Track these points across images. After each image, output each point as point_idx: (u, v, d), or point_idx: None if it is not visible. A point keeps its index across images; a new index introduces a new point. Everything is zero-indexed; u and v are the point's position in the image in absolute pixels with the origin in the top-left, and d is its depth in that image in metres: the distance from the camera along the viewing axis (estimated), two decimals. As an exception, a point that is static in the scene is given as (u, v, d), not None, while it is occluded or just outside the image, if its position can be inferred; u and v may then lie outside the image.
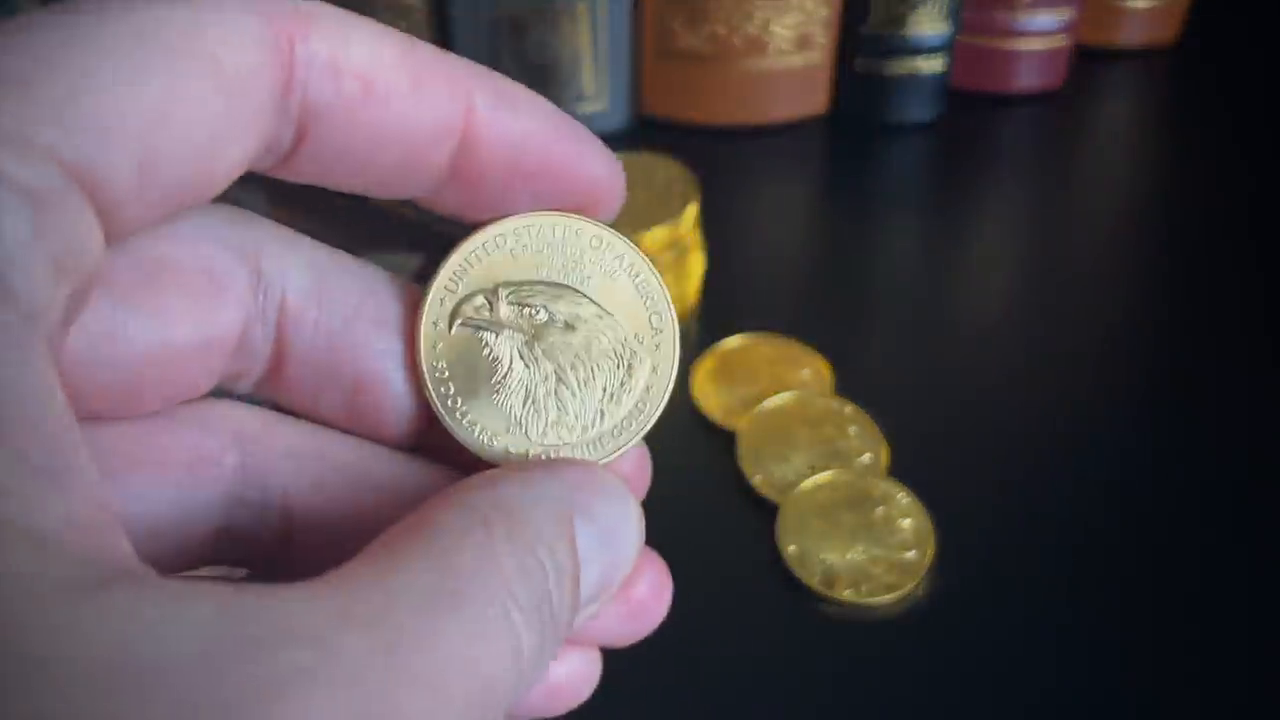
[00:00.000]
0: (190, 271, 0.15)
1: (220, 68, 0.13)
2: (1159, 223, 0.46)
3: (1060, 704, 0.29)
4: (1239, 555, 0.32)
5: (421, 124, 0.15)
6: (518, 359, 0.17)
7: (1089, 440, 0.36)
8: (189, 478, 0.16)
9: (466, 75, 0.15)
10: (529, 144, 0.16)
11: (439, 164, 0.15)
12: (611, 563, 0.15)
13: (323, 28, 0.14)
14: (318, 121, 0.14)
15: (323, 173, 0.15)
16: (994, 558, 0.32)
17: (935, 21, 0.46)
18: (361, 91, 0.14)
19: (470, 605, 0.12)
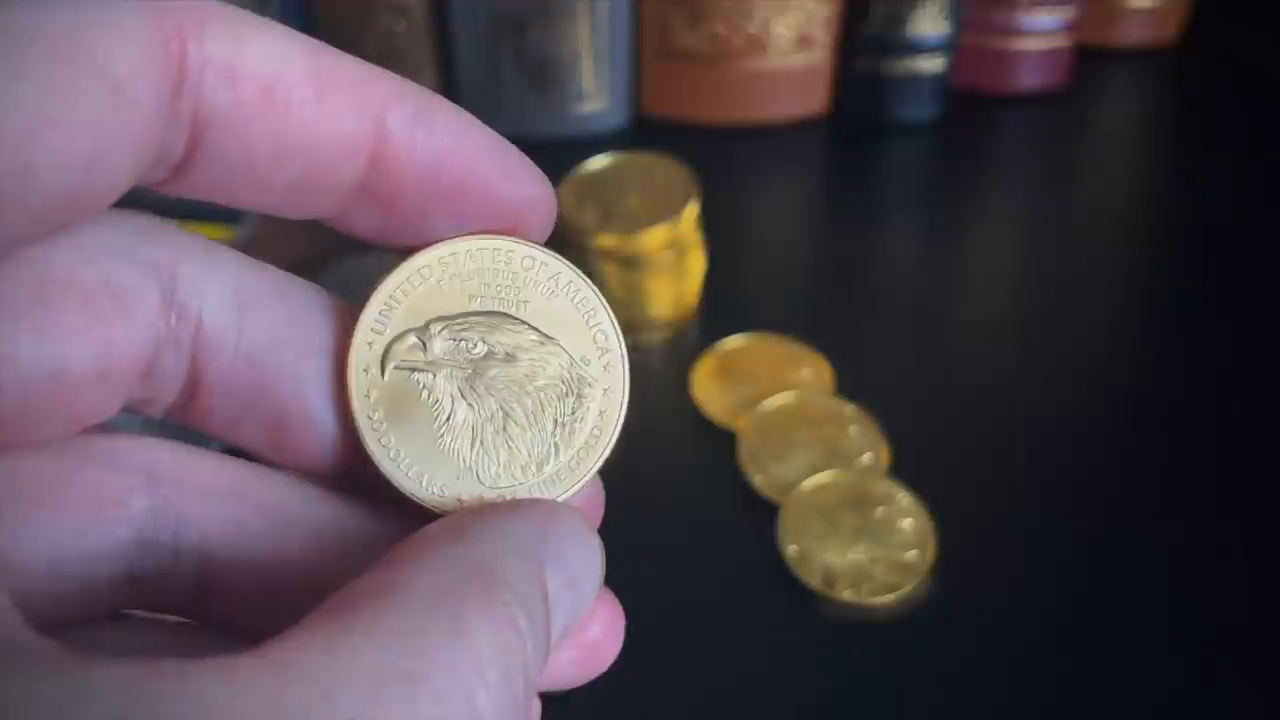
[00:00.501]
0: (91, 290, 0.14)
1: (105, 70, 0.12)
2: (1159, 222, 0.46)
3: (1060, 704, 0.29)
4: (1240, 555, 0.32)
5: (327, 136, 0.14)
6: (459, 399, 0.15)
7: (1089, 440, 0.36)
8: (93, 518, 0.14)
9: (380, 85, 0.14)
10: (448, 162, 0.15)
11: (347, 181, 0.14)
12: (576, 609, 0.14)
13: (218, 28, 0.13)
14: (212, 130, 0.13)
15: (218, 187, 0.14)
16: (994, 558, 0.32)
17: (935, 21, 0.46)
18: (260, 98, 0.13)
19: (429, 688, 0.11)
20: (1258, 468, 0.35)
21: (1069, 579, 0.31)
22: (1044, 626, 0.30)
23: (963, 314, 0.41)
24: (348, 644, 0.11)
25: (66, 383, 0.13)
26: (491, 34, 0.45)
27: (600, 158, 0.37)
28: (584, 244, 0.36)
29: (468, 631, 0.12)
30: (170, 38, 0.12)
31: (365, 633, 0.11)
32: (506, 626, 0.12)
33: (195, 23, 0.13)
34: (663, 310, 0.38)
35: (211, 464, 0.15)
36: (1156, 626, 0.30)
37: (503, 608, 0.12)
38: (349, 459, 0.16)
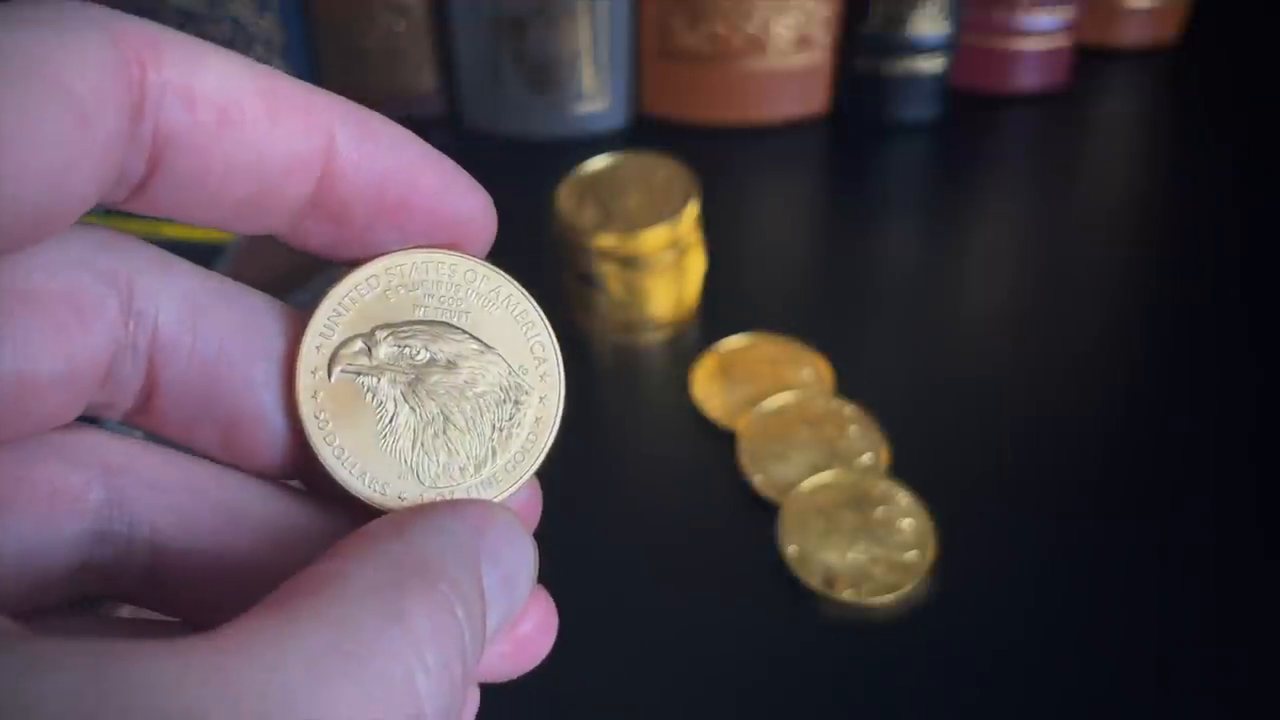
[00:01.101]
0: (54, 299, 0.14)
1: (68, 92, 0.12)
2: (1159, 222, 0.46)
3: (1060, 703, 0.29)
4: (1241, 554, 0.32)
5: (278, 155, 0.14)
6: (402, 402, 0.16)
7: (1090, 439, 0.36)
8: (49, 511, 0.15)
9: (327, 106, 0.15)
10: (392, 178, 0.15)
11: (298, 197, 0.15)
12: (510, 606, 0.15)
13: (175, 53, 0.13)
14: (170, 150, 0.14)
15: (175, 205, 0.14)
16: (994, 558, 0.32)
17: (935, 21, 0.46)
18: (216, 120, 0.14)
19: (370, 668, 0.12)
20: (1257, 467, 0.35)
21: (1068, 579, 0.31)
22: (1043, 626, 0.30)
23: (963, 314, 0.41)
24: (293, 629, 0.11)
25: (31, 387, 0.14)
26: (491, 34, 0.45)
27: (600, 158, 0.37)
28: (584, 244, 0.36)
29: (407, 617, 0.12)
30: (130, 62, 0.13)
31: (310, 618, 0.12)
32: (444, 614, 0.13)
33: (153, 48, 0.13)
34: (663, 310, 0.38)
35: (164, 458, 0.16)
36: (1156, 626, 0.30)
37: (440, 597, 0.13)
38: (297, 459, 0.16)
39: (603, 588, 0.30)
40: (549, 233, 0.37)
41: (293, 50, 0.45)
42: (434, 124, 0.47)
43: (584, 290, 0.37)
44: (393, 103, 0.47)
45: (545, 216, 0.37)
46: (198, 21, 0.44)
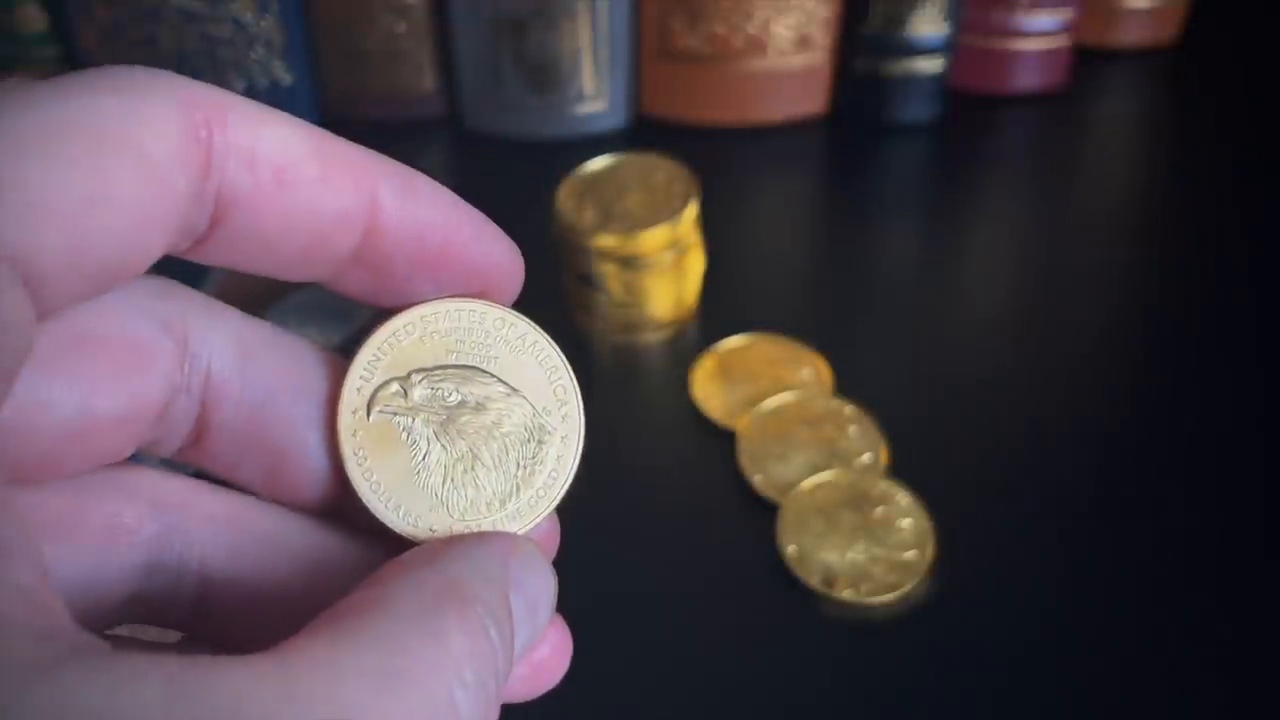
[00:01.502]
0: (116, 343, 0.15)
1: (144, 155, 0.13)
2: (1158, 222, 0.46)
3: (1060, 703, 0.29)
4: (1240, 554, 0.32)
5: (328, 211, 0.15)
6: (434, 441, 0.17)
7: (1089, 439, 0.36)
8: (105, 543, 0.16)
9: (373, 165, 0.16)
10: (430, 232, 0.16)
11: (345, 249, 0.16)
12: (533, 630, 0.16)
13: (238, 117, 0.15)
14: (232, 207, 0.15)
15: (233, 255, 0.16)
16: (994, 558, 0.32)
17: (935, 22, 0.46)
18: (274, 179, 0.15)
19: (416, 685, 0.12)
20: (1257, 466, 0.35)
21: (1068, 578, 0.31)
22: (1043, 626, 0.30)
23: (962, 314, 0.41)
24: (346, 647, 0.12)
25: (93, 427, 0.15)
26: (491, 34, 0.45)
27: (600, 158, 0.37)
28: (584, 244, 0.36)
29: (446, 638, 0.13)
30: (199, 127, 0.14)
31: (359, 639, 0.13)
32: (479, 635, 0.14)
33: (219, 112, 0.14)
34: (663, 310, 0.38)
35: (212, 494, 0.17)
36: (1156, 625, 0.30)
37: (475, 618, 0.14)
38: (336, 494, 0.17)
39: (602, 587, 0.30)
40: (549, 233, 0.37)
41: (293, 51, 0.45)
42: (434, 125, 0.48)
43: (584, 290, 0.38)
44: (393, 103, 0.47)
45: (545, 216, 0.37)
46: (199, 22, 0.44)
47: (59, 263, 0.13)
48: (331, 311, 0.36)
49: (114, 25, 0.44)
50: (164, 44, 0.44)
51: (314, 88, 0.46)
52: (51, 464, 0.15)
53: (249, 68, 0.45)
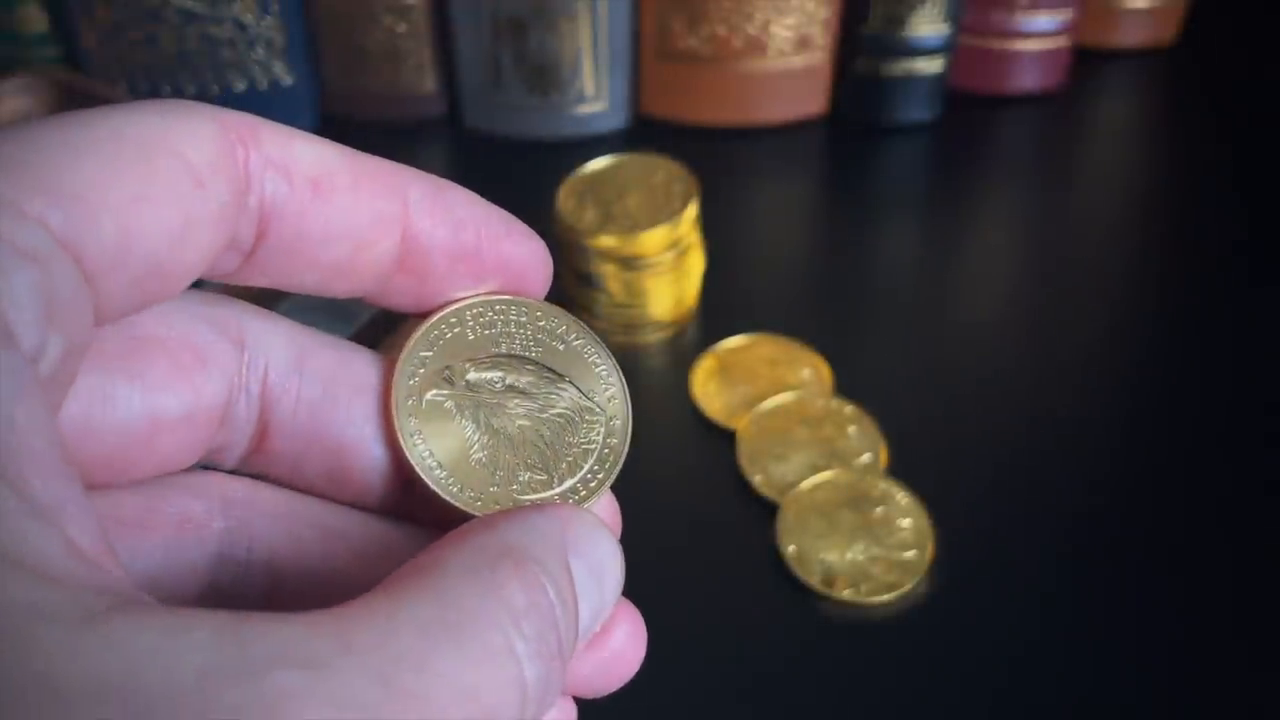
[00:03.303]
0: (175, 345, 0.16)
1: (185, 161, 0.14)
2: (1158, 222, 0.46)
3: (1060, 703, 0.29)
4: (1239, 554, 0.32)
5: (364, 216, 0.16)
6: (487, 424, 0.18)
7: (1088, 439, 0.36)
8: (176, 538, 0.17)
9: (401, 172, 0.17)
10: (464, 229, 0.17)
11: (385, 255, 0.17)
12: (600, 600, 0.16)
13: (271, 135, 0.16)
14: (274, 220, 0.16)
15: (280, 271, 0.16)
16: (993, 557, 0.32)
17: (935, 22, 0.46)
18: (310, 189, 0.16)
19: (474, 636, 0.13)
20: (1256, 466, 0.35)
21: (1067, 578, 0.32)
22: (1042, 625, 0.30)
23: (961, 314, 0.41)
24: (402, 603, 0.13)
25: (157, 425, 0.16)
26: (491, 35, 0.45)
27: (600, 159, 0.38)
28: (584, 244, 0.36)
29: (503, 590, 0.13)
30: (235, 142, 0.15)
31: (416, 595, 0.13)
32: (536, 590, 0.14)
33: (253, 131, 0.15)
34: (663, 310, 0.38)
35: (276, 492, 0.18)
36: (1155, 625, 0.30)
37: (532, 575, 0.14)
38: (396, 487, 0.18)
39: (603, 587, 0.30)
40: (549, 233, 0.37)
41: (293, 51, 0.45)
42: (434, 125, 0.48)
43: (584, 290, 0.38)
44: (393, 103, 0.47)
45: (545, 217, 0.37)
46: (199, 22, 0.44)
47: (108, 257, 0.14)
48: (332, 312, 0.36)
49: (114, 25, 0.44)
50: (164, 44, 0.44)
51: (314, 88, 0.47)
52: (118, 465, 0.16)
53: (249, 68, 0.45)
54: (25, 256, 0.13)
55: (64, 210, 0.13)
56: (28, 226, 0.13)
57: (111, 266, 0.14)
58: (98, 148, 0.14)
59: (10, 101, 0.42)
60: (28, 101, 0.43)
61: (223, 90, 0.45)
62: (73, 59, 0.45)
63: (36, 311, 0.13)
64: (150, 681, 0.10)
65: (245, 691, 0.10)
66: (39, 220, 0.13)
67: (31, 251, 0.13)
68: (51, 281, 0.13)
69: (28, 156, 0.13)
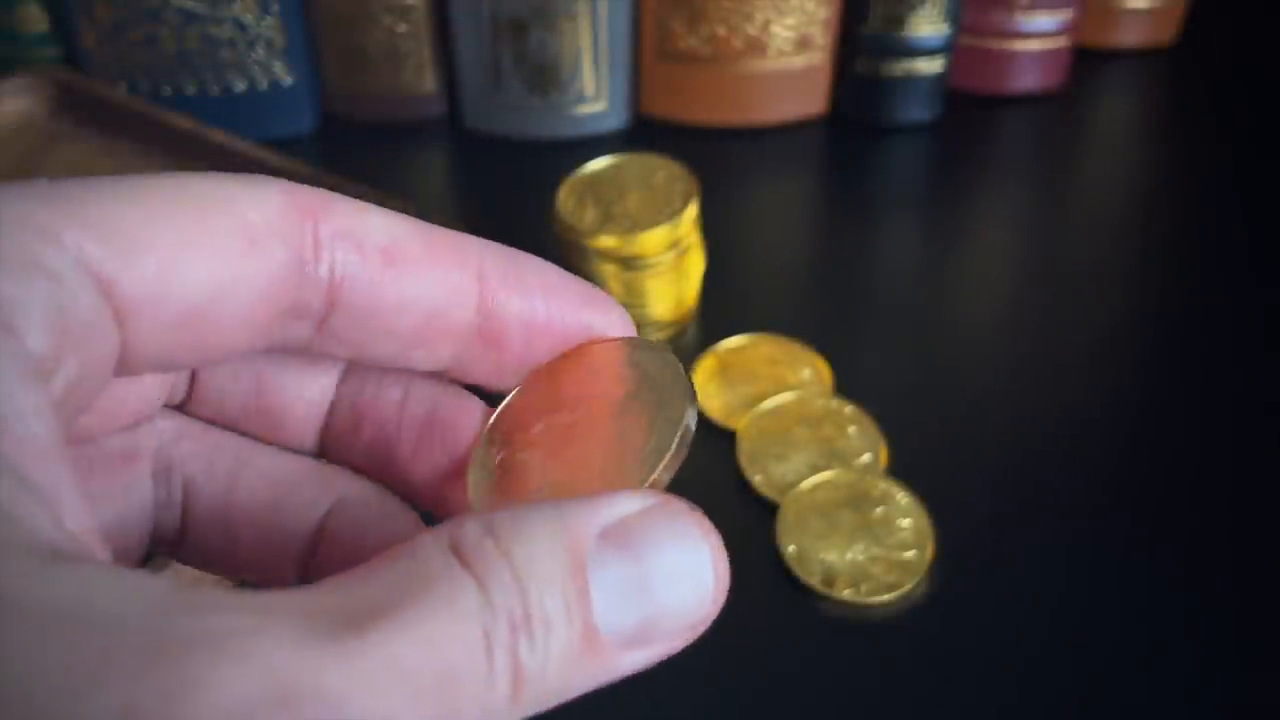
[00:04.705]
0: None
1: (243, 219, 0.15)
2: (1158, 223, 0.46)
3: (1060, 703, 0.29)
4: (1239, 554, 0.32)
5: (438, 286, 0.16)
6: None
7: (1088, 439, 0.36)
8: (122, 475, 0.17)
9: (475, 242, 0.17)
10: (540, 296, 0.17)
11: (460, 326, 0.17)
12: (662, 606, 0.14)
13: (343, 207, 0.16)
14: (346, 289, 0.16)
15: (355, 340, 0.17)
16: (994, 557, 0.32)
17: (935, 22, 0.46)
18: (382, 259, 0.16)
19: (435, 592, 0.12)
20: (1256, 467, 0.35)
21: (1067, 578, 0.32)
22: (1043, 625, 0.30)
23: (961, 314, 0.41)
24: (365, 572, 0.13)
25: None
26: (491, 35, 0.45)
27: (600, 159, 0.38)
28: (584, 245, 0.36)
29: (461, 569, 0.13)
30: (305, 214, 0.15)
31: (378, 566, 0.13)
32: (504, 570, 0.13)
33: (325, 204, 0.16)
34: (663, 310, 0.38)
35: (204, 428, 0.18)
36: (1155, 625, 0.30)
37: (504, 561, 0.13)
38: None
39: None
40: (549, 233, 0.37)
41: (293, 51, 0.45)
42: (434, 125, 0.48)
43: (584, 290, 0.38)
44: (393, 103, 0.47)
45: (545, 217, 0.37)
46: (199, 22, 0.44)
47: (146, 295, 0.14)
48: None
49: (114, 25, 0.44)
50: (164, 44, 0.44)
51: (314, 88, 0.47)
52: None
53: (249, 68, 0.45)
54: (44, 273, 0.13)
55: (105, 243, 0.14)
56: (57, 251, 0.13)
57: (148, 305, 0.14)
58: (160, 196, 0.14)
59: (10, 101, 0.42)
60: (28, 101, 0.43)
61: (223, 90, 0.45)
62: (73, 59, 0.45)
63: (44, 321, 0.13)
64: (103, 612, 0.11)
65: (194, 624, 0.11)
66: (72, 247, 0.13)
67: (52, 272, 0.13)
68: (71, 302, 0.13)
69: (82, 195, 0.14)
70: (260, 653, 0.11)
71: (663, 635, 0.15)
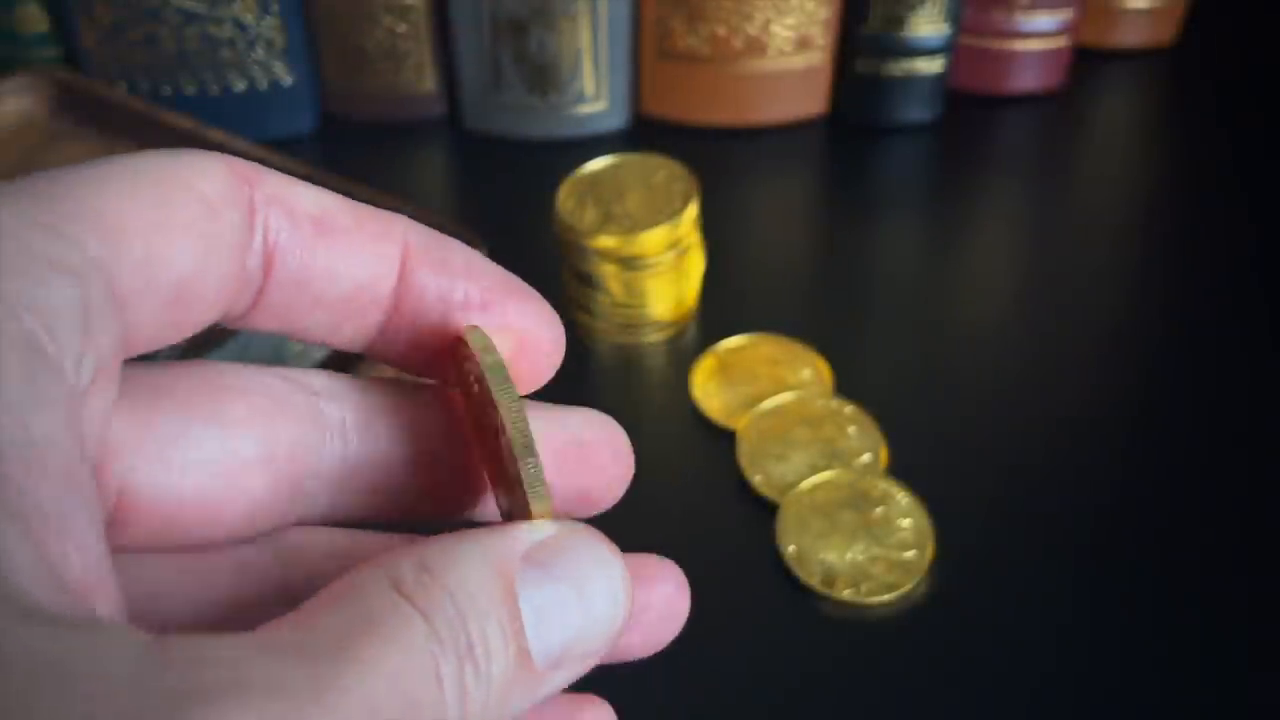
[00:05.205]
0: (252, 391, 0.17)
1: (199, 193, 0.15)
2: (1158, 223, 0.46)
3: (1060, 703, 0.29)
4: (1238, 554, 0.32)
5: (366, 254, 0.17)
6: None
7: (1088, 440, 0.36)
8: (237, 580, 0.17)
9: (399, 219, 0.17)
10: (459, 276, 0.17)
11: (384, 298, 0.17)
12: (582, 624, 0.15)
13: (273, 178, 0.16)
14: (279, 256, 0.16)
15: (286, 313, 0.17)
16: (994, 557, 0.32)
17: (935, 22, 0.46)
18: (314, 228, 0.16)
19: (387, 630, 0.13)
20: (1255, 468, 0.35)
21: (1067, 578, 0.32)
22: (1043, 625, 0.30)
23: (962, 314, 0.41)
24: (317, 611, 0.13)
25: (236, 467, 0.16)
26: (491, 34, 0.45)
27: (600, 158, 0.37)
28: (584, 245, 0.36)
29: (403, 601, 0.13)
30: (241, 181, 0.16)
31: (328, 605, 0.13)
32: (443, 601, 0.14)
33: (257, 174, 0.16)
34: (663, 310, 0.38)
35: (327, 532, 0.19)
36: (1155, 625, 0.30)
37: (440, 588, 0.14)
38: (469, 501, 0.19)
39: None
40: (549, 233, 0.37)
41: (293, 51, 0.45)
42: (434, 125, 0.48)
43: (584, 290, 0.38)
44: (393, 103, 0.47)
45: (545, 217, 0.37)
46: (199, 22, 0.44)
47: (139, 280, 0.14)
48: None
49: (114, 25, 0.44)
50: (164, 44, 0.44)
51: (314, 88, 0.46)
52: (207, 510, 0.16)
53: (249, 68, 0.45)
54: (65, 272, 0.13)
55: (98, 235, 0.14)
56: (67, 245, 0.13)
57: (142, 290, 0.14)
58: (119, 182, 0.14)
59: (10, 101, 0.42)
60: (28, 101, 0.43)
61: (223, 90, 0.45)
62: (72, 59, 0.45)
63: (74, 326, 0.13)
64: (85, 671, 0.11)
65: (173, 683, 0.11)
66: (78, 242, 0.14)
67: (70, 268, 0.13)
68: (89, 298, 0.14)
69: (61, 190, 0.14)
70: (253, 707, 0.11)
71: (584, 653, 0.15)
